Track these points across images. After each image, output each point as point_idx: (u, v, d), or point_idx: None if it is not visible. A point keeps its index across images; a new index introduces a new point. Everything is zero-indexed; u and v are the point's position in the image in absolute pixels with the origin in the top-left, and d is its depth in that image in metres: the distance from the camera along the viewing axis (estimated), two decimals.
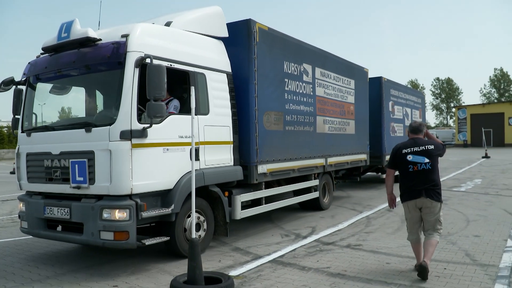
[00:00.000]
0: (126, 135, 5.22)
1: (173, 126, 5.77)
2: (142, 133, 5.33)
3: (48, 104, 6.69)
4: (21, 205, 6.28)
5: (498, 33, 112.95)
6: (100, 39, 5.60)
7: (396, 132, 15.45)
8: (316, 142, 9.26)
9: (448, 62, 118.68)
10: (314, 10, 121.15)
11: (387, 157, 13.60)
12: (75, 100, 6.76)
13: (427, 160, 5.09)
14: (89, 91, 6.56)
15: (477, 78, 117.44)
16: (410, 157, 5.13)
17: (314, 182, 9.37)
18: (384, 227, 7.81)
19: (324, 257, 5.96)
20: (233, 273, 5.35)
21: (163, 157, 5.63)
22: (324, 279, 5.05)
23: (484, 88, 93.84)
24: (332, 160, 9.96)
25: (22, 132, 6.35)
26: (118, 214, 5.19)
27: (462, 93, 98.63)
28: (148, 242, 5.43)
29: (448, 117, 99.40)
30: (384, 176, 14.28)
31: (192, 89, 5.03)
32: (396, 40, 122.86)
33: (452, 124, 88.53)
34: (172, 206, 5.63)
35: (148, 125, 5.30)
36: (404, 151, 5.19)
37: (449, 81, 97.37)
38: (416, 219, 5.18)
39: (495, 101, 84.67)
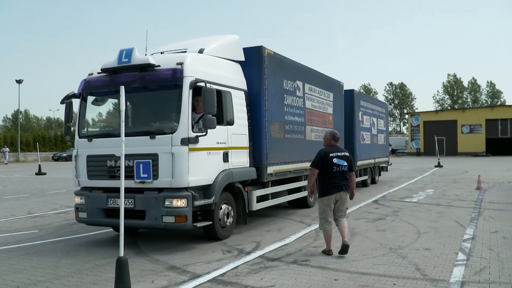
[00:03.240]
0: (185, 141, 7.29)
1: (212, 134, 7.73)
2: (195, 140, 7.40)
3: (104, 115, 9.02)
4: (79, 198, 8.09)
5: (452, 38, 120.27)
6: (159, 65, 7.57)
7: (365, 140, 17.89)
8: (305, 148, 11.68)
9: (401, 66, 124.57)
10: (260, 11, 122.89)
11: (358, 163, 16.27)
12: (131, 112, 8.66)
13: (346, 164, 7.06)
14: (145, 106, 8.35)
15: (430, 84, 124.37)
16: (335, 160, 7.02)
17: (304, 183, 11.62)
18: (333, 241, 7.97)
19: (269, 275, 6.02)
20: None
21: (206, 159, 7.77)
22: None
23: (438, 94, 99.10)
24: None
25: (80, 138, 8.22)
26: (178, 202, 7.23)
27: (415, 99, 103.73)
28: (199, 224, 7.54)
29: (401, 124, 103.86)
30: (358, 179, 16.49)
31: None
32: (348, 42, 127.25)
33: (405, 131, 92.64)
34: (213, 198, 7.72)
35: (204, 133, 7.40)
36: (331, 155, 7.05)
37: (402, 86, 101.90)
38: (332, 209, 7.08)
39: (448, 108, 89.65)
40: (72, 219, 11.07)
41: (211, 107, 7.29)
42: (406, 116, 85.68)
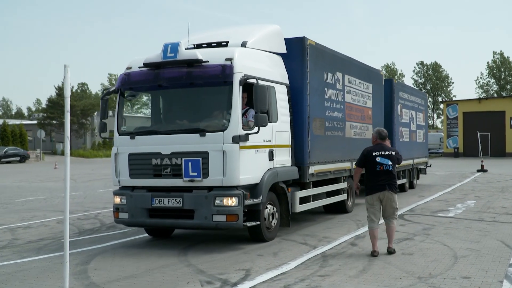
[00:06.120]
0: (236, 139, 9.00)
1: (259, 132, 9.23)
2: (245, 138, 9.11)
3: (145, 111, 11.71)
4: (119, 199, 9.65)
5: (499, 6, 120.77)
6: (207, 61, 9.17)
7: (403, 137, 18.94)
8: (344, 146, 13.49)
9: (435, 42, 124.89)
10: None
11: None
12: (173, 108, 10.71)
13: (390, 163, 8.66)
14: (191, 102, 10.05)
15: (472, 65, 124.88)
16: (378, 159, 8.62)
17: (343, 185, 13.51)
18: (345, 268, 8.02)
19: None
20: None
21: (255, 157, 9.50)
22: None
23: (481, 77, 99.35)
24: None
25: (121, 135, 9.85)
26: (230, 201, 8.91)
27: (452, 83, 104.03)
28: (249, 224, 9.24)
29: (435, 115, 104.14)
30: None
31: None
32: (367, 13, 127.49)
33: (440, 126, 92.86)
34: (261, 197, 9.41)
35: (256, 131, 9.12)
36: (374, 153, 8.70)
37: (436, 67, 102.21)
38: (378, 208, 8.80)
39: (495, 95, 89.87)
40: (3, 240, 11.01)
41: (263, 104, 8.94)
42: (441, 106, 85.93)
